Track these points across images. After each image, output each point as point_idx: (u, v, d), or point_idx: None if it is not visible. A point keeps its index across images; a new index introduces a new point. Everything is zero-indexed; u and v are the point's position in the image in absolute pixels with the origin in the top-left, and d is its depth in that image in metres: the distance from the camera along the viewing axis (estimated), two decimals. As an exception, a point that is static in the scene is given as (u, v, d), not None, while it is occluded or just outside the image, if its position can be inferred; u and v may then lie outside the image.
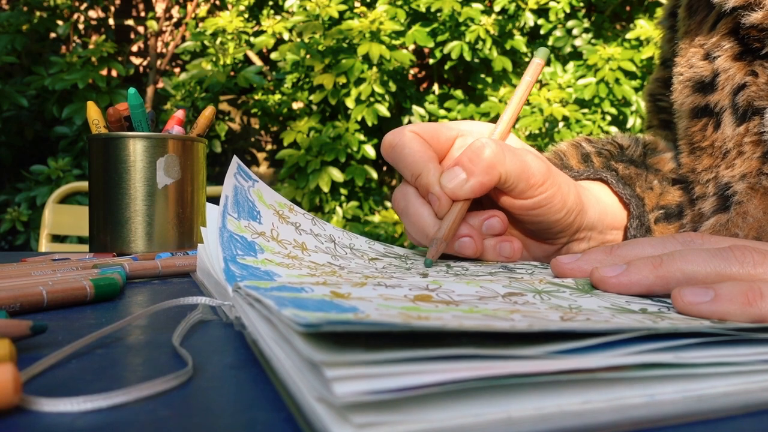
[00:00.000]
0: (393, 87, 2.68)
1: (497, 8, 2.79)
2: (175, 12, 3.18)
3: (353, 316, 0.20)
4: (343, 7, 2.74)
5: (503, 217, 0.46)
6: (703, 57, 0.52)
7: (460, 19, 2.69)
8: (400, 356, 0.18)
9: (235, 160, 0.44)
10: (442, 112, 2.86)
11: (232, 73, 2.85)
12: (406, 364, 0.18)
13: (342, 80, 2.64)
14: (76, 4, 2.84)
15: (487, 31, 2.69)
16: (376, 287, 0.28)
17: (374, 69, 2.63)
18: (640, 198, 0.54)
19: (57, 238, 1.53)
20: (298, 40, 2.79)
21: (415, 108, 2.83)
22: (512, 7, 2.80)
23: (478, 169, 0.42)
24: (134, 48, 3.21)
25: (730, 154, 0.50)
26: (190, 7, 3.03)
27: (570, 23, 2.89)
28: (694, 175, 0.54)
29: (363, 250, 0.46)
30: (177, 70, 3.17)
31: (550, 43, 2.87)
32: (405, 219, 0.46)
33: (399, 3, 2.79)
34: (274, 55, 2.90)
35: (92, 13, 3.06)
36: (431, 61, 2.90)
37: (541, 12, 2.87)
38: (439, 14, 2.74)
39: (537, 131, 2.70)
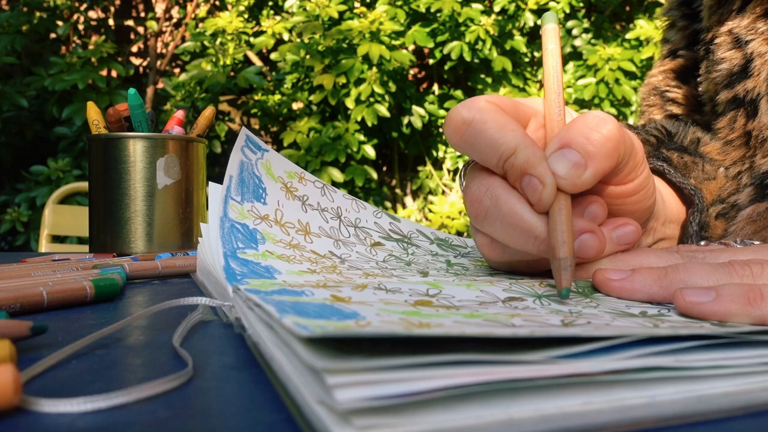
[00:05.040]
0: (393, 87, 2.68)
1: (497, 8, 2.79)
2: (175, 12, 3.18)
3: (354, 323, 0.20)
4: (343, 7, 2.74)
5: (637, 226, 0.36)
6: (732, 44, 0.49)
7: (460, 20, 2.69)
8: (402, 362, 0.18)
9: (244, 131, 0.42)
10: (442, 112, 2.86)
11: (232, 74, 2.85)
12: (408, 370, 0.18)
13: (342, 80, 2.64)
14: (76, 4, 2.84)
15: (487, 32, 2.69)
16: (376, 291, 0.28)
17: (374, 69, 2.63)
18: (700, 190, 0.47)
19: (57, 239, 1.53)
20: (298, 40, 2.79)
21: (415, 108, 2.83)
22: (512, 7, 2.81)
23: (600, 150, 0.32)
24: (134, 48, 3.21)
25: None
26: (189, 7, 3.03)
27: (570, 23, 2.89)
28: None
29: (368, 228, 0.45)
30: (177, 70, 3.17)
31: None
32: (494, 223, 0.34)
33: (399, 3, 2.79)
34: (273, 56, 2.90)
35: (92, 14, 3.06)
36: (431, 61, 2.90)
37: (541, 12, 2.87)
38: (438, 14, 2.74)
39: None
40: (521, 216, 0.32)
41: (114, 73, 2.92)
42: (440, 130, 2.96)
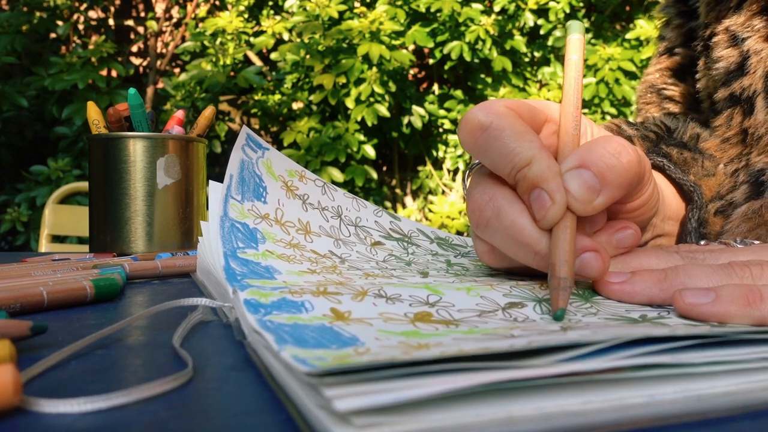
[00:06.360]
0: (393, 87, 2.68)
1: (497, 8, 2.79)
2: (175, 12, 3.18)
3: (353, 351, 0.20)
4: (343, 7, 2.74)
5: (637, 229, 0.35)
6: (729, 42, 0.50)
7: (460, 20, 2.69)
8: (401, 372, 0.18)
9: (245, 130, 0.41)
10: (442, 112, 2.86)
11: (232, 74, 2.85)
12: (407, 379, 0.18)
13: (342, 80, 2.64)
14: (76, 4, 2.84)
15: (487, 32, 2.69)
16: (376, 299, 0.28)
17: (374, 69, 2.63)
18: (699, 186, 0.47)
19: (57, 239, 1.53)
20: (298, 40, 2.79)
21: (415, 108, 2.83)
22: (512, 7, 2.81)
23: (617, 179, 0.31)
24: (134, 48, 3.21)
25: (764, 139, 0.48)
26: (189, 7, 3.03)
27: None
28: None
29: (368, 227, 0.45)
30: (177, 70, 3.17)
31: (549, 43, 2.88)
32: (494, 233, 0.33)
33: (399, 3, 2.79)
34: (274, 56, 2.90)
35: (92, 14, 3.06)
36: (431, 61, 2.90)
37: (541, 12, 2.88)
38: (438, 14, 2.74)
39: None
40: (523, 230, 0.32)
41: (114, 73, 2.91)
42: (440, 130, 2.96)
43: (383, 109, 2.62)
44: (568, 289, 0.29)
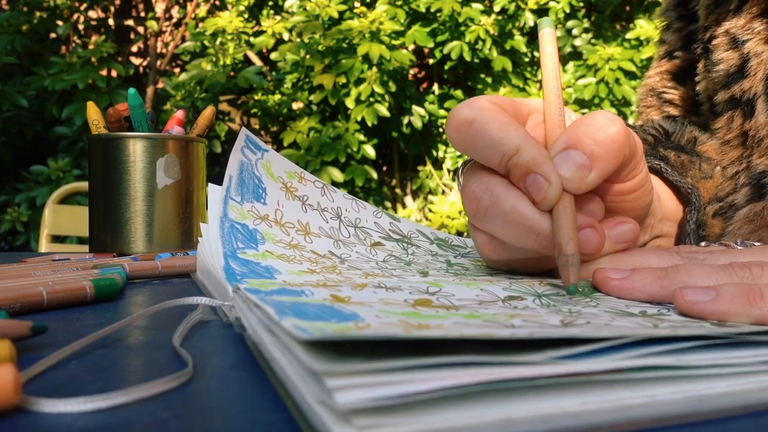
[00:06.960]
0: (393, 87, 2.68)
1: (497, 8, 2.79)
2: (175, 12, 3.18)
3: (353, 325, 0.20)
4: (343, 7, 2.74)
5: (635, 224, 0.36)
6: (729, 45, 0.50)
7: (460, 20, 2.69)
8: (402, 365, 0.18)
9: (244, 132, 0.42)
10: (442, 112, 2.86)
11: (232, 74, 2.85)
12: (407, 372, 0.18)
13: (342, 80, 2.64)
14: (76, 4, 2.84)
15: (487, 31, 2.69)
16: (376, 290, 0.28)
17: (374, 69, 2.63)
18: (697, 188, 0.48)
19: (57, 239, 1.53)
20: (298, 40, 2.79)
21: (415, 108, 2.83)
22: (512, 7, 2.81)
23: (606, 152, 0.32)
24: (134, 48, 3.21)
25: (764, 141, 0.48)
26: (189, 7, 3.03)
27: (570, 23, 2.89)
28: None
29: (368, 228, 0.45)
30: (177, 70, 3.17)
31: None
32: (494, 221, 0.33)
33: (399, 3, 2.79)
34: (274, 56, 2.90)
35: (92, 14, 3.06)
36: (431, 61, 2.90)
37: (541, 12, 2.87)
38: (439, 14, 2.74)
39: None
40: (524, 213, 0.32)
41: (114, 73, 2.91)
42: (440, 129, 2.96)
43: (383, 109, 2.62)
44: (577, 264, 0.30)
